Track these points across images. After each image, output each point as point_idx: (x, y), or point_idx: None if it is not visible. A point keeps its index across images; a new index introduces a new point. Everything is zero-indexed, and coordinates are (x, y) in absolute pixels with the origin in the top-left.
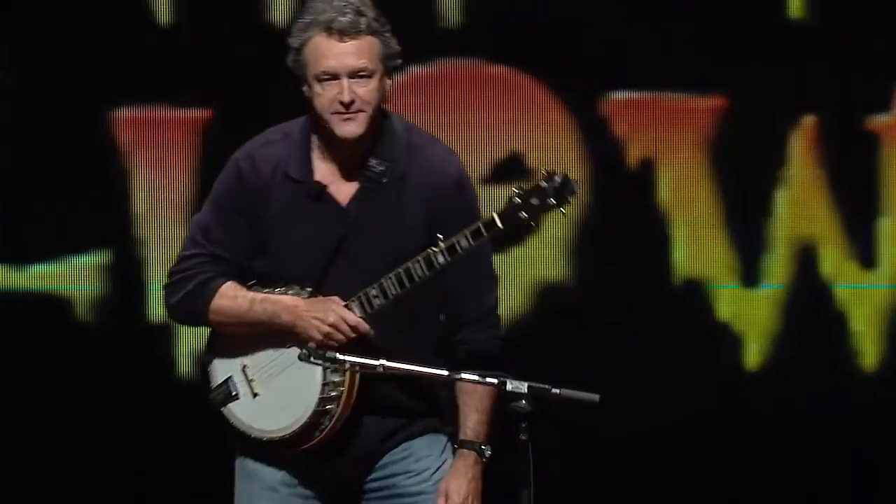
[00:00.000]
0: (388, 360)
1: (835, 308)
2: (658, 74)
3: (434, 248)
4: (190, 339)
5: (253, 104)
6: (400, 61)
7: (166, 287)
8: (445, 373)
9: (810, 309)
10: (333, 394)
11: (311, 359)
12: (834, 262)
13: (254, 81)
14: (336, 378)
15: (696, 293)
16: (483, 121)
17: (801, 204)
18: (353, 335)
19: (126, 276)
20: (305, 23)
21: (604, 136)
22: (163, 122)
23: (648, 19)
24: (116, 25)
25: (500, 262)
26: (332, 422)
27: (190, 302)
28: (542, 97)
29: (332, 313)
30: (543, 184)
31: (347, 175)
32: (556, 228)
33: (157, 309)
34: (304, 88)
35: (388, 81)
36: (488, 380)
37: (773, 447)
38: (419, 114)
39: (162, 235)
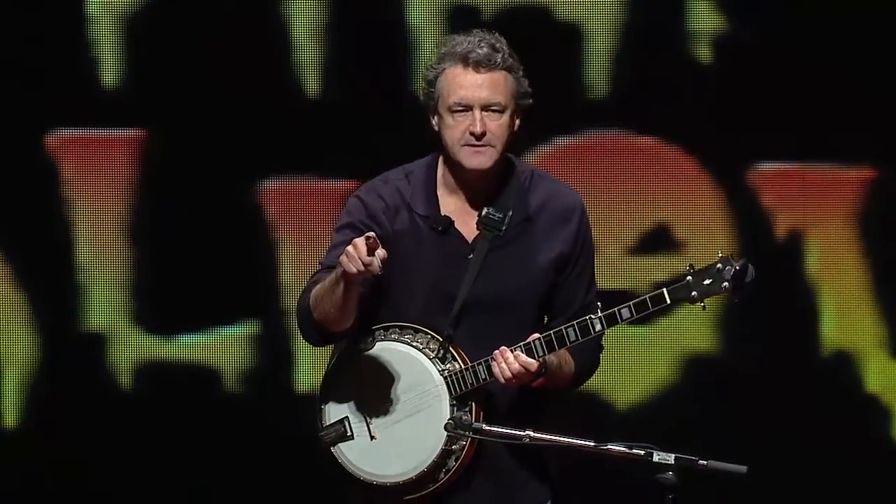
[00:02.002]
0: (534, 432)
1: None
2: (806, 145)
3: (593, 316)
4: None
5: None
6: (530, 101)
7: None
8: (591, 443)
9: None
10: (455, 447)
11: (456, 430)
12: None
13: (397, 152)
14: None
15: (845, 365)
16: (630, 192)
17: None
18: (361, 267)
19: (274, 346)
20: (441, 54)
21: (752, 207)
22: (309, 192)
23: (796, 90)
24: (263, 97)
25: (647, 332)
26: (446, 476)
27: (301, 306)
28: (689, 168)
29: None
30: (720, 265)
31: (472, 214)
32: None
33: (304, 379)
34: (434, 121)
35: (517, 121)
36: (634, 451)
37: None
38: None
39: None
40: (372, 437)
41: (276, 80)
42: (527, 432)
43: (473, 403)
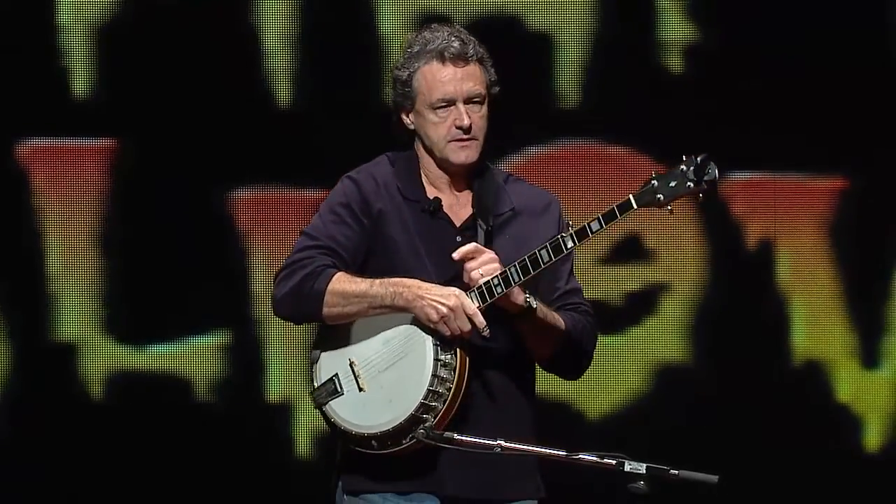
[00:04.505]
0: (505, 441)
1: None
2: (777, 154)
3: (563, 234)
4: (309, 420)
5: None
6: (498, 89)
7: (278, 278)
8: (563, 453)
9: None
10: (441, 389)
11: (427, 438)
12: None
13: (367, 160)
14: (445, 374)
15: (816, 374)
16: (600, 201)
17: None
18: (468, 327)
19: (245, 355)
20: (414, 53)
21: (723, 216)
22: (281, 201)
23: (767, 99)
24: (235, 106)
25: (619, 341)
26: (435, 420)
27: (308, 286)
28: None
29: (454, 297)
30: (683, 167)
31: (457, 203)
32: (676, 309)
33: (275, 388)
34: (408, 120)
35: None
36: (606, 460)
37: None
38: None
39: None
40: (361, 390)
41: (247, 89)
42: (498, 441)
43: (458, 348)
